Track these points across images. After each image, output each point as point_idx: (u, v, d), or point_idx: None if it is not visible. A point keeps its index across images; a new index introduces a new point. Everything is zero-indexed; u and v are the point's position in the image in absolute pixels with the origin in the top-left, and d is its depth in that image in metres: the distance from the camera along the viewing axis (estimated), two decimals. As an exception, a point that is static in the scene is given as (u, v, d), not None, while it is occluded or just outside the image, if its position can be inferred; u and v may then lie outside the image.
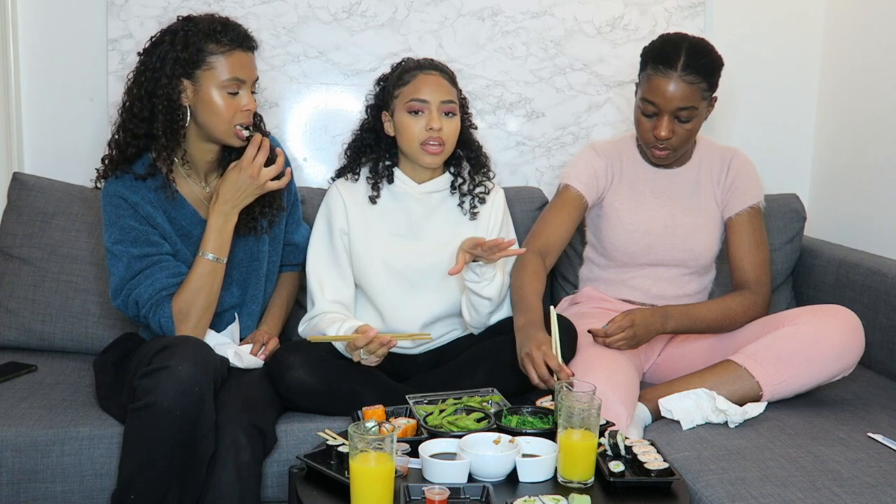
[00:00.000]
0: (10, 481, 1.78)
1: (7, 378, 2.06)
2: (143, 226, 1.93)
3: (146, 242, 1.92)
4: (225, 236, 1.93)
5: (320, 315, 2.05)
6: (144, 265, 1.91)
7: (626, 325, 2.00)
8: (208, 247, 1.91)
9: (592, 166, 2.24)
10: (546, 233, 2.18)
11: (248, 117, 1.93)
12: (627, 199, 2.23)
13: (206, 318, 1.93)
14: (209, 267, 1.91)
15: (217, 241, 1.92)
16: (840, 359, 1.94)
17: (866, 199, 2.62)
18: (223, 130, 1.92)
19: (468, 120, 2.21)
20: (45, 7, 2.54)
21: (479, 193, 2.17)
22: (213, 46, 1.88)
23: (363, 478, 1.42)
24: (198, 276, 1.90)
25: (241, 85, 1.91)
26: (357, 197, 2.14)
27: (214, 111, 1.90)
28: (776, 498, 1.55)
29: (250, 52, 1.95)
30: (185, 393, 1.66)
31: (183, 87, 1.89)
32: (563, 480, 1.56)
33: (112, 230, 1.92)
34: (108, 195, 1.94)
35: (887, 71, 2.52)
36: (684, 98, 2.04)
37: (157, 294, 1.89)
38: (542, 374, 1.80)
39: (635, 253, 2.22)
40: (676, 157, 2.18)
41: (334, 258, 2.11)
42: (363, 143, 2.18)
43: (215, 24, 1.90)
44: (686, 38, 2.10)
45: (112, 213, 1.93)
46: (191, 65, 1.87)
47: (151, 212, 1.93)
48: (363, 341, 1.85)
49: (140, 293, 1.90)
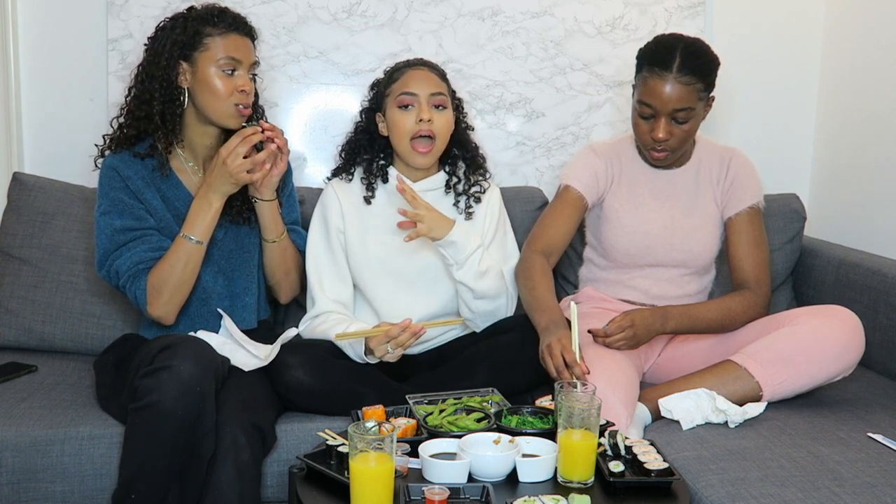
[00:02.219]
0: (10, 481, 1.78)
1: (7, 378, 2.06)
2: (132, 199, 1.97)
3: (131, 216, 1.96)
4: (205, 219, 1.94)
5: (323, 315, 2.06)
6: (127, 238, 1.95)
7: (626, 325, 2.00)
8: (187, 228, 1.94)
9: (592, 167, 2.24)
10: (548, 233, 2.19)
11: (245, 98, 1.95)
12: (627, 201, 2.23)
13: (179, 296, 1.95)
14: (186, 247, 1.93)
15: (196, 224, 1.94)
16: (840, 359, 1.94)
17: (866, 199, 2.62)
18: (221, 110, 1.95)
19: (464, 121, 2.21)
20: (45, 7, 2.54)
21: (475, 193, 2.17)
22: (210, 28, 1.94)
23: (363, 478, 1.42)
24: (175, 255, 1.93)
25: (238, 65, 1.94)
26: (352, 196, 2.14)
27: (211, 90, 1.93)
28: (776, 498, 1.55)
29: (247, 38, 1.99)
30: (187, 393, 1.66)
31: (182, 70, 1.94)
32: (562, 480, 1.56)
33: (102, 201, 1.98)
34: (104, 168, 2.00)
35: (887, 71, 2.52)
36: (681, 99, 2.04)
37: (134, 266, 1.94)
38: (558, 366, 1.81)
39: (635, 254, 2.22)
40: (675, 158, 2.18)
41: (332, 257, 2.11)
42: (357, 144, 2.19)
43: (213, 9, 1.97)
44: (681, 38, 2.10)
45: (105, 184, 1.99)
46: (188, 47, 1.93)
47: (142, 187, 1.98)
48: (397, 330, 1.86)
49: (120, 264, 1.94)
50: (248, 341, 2.00)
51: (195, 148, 2.04)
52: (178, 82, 1.95)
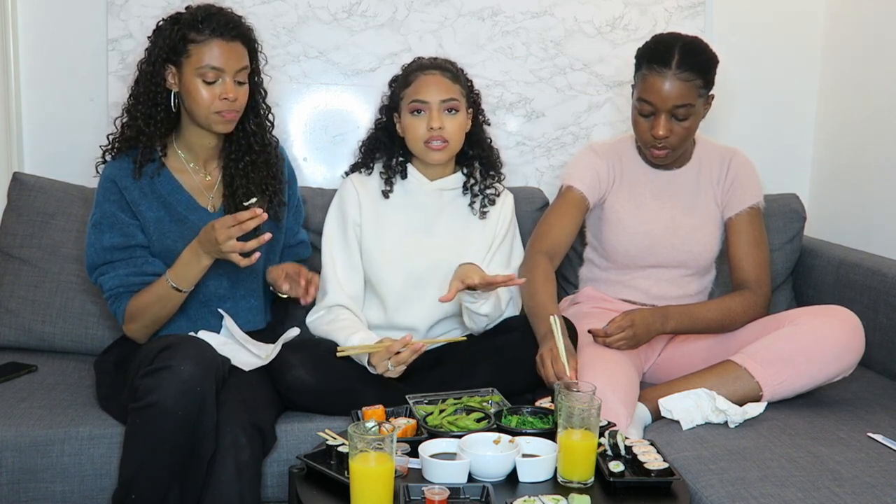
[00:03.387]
0: (10, 481, 1.78)
1: (7, 378, 2.06)
2: (125, 214, 1.97)
3: (120, 233, 1.96)
4: (193, 272, 1.91)
5: (335, 308, 2.06)
6: (113, 257, 1.96)
7: (626, 325, 2.00)
8: (173, 275, 1.91)
9: (594, 167, 2.24)
10: (551, 234, 2.18)
11: (228, 105, 1.93)
12: (628, 202, 2.23)
13: (153, 327, 1.97)
14: (169, 291, 1.92)
15: (183, 275, 1.91)
16: (840, 359, 1.94)
17: (866, 199, 2.62)
18: (203, 117, 1.95)
19: (482, 116, 2.22)
20: (45, 7, 2.54)
21: (490, 195, 2.18)
22: (194, 35, 1.92)
23: (363, 478, 1.42)
24: (156, 293, 1.92)
25: (220, 73, 1.92)
26: (370, 191, 2.15)
27: (193, 98, 1.93)
28: (776, 498, 1.55)
29: (235, 41, 1.94)
30: (187, 393, 1.66)
31: (169, 72, 1.95)
32: (562, 480, 1.56)
33: (96, 210, 1.99)
34: (103, 177, 2.00)
35: (887, 71, 2.52)
36: (680, 96, 2.04)
37: (116, 288, 1.95)
38: (550, 377, 1.83)
39: (636, 255, 2.22)
40: (675, 156, 2.18)
41: (347, 251, 2.12)
42: (377, 140, 2.20)
43: (200, 13, 1.94)
44: (679, 36, 2.10)
45: (101, 194, 1.99)
46: (174, 52, 1.93)
47: (138, 198, 1.97)
48: (399, 346, 1.85)
49: (104, 281, 1.97)
50: (250, 341, 2.00)
51: (194, 149, 2.04)
52: (165, 85, 1.96)
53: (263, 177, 2.06)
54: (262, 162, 2.06)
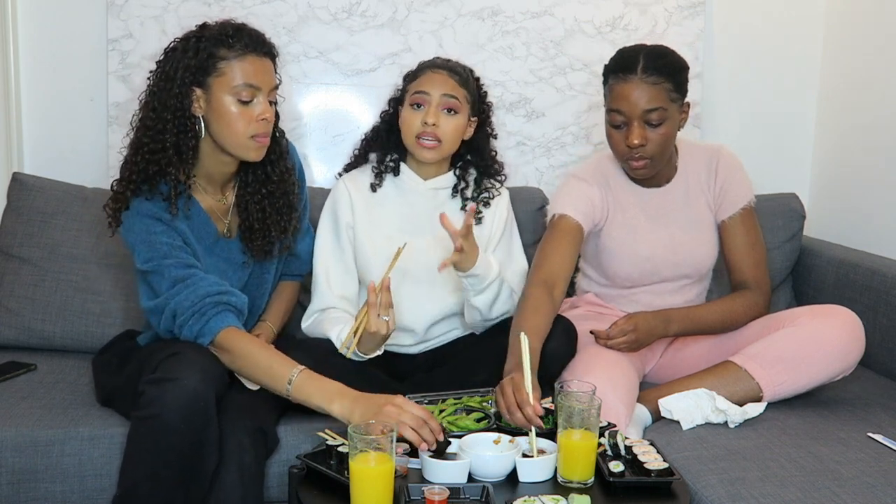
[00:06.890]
0: (10, 481, 1.77)
1: (7, 377, 2.06)
2: (177, 241, 1.81)
3: (176, 259, 1.79)
4: (317, 399, 1.68)
5: (326, 310, 2.06)
6: (184, 275, 1.78)
7: (629, 328, 2.00)
8: (298, 382, 1.69)
9: (587, 195, 2.15)
10: (549, 263, 2.06)
11: (265, 127, 1.81)
12: (623, 228, 2.17)
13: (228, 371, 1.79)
14: (276, 384, 1.72)
15: (305, 392, 1.69)
16: (840, 359, 1.94)
17: (866, 199, 2.62)
18: (237, 143, 1.81)
19: (489, 127, 2.20)
20: (45, 7, 2.54)
21: (484, 199, 2.17)
22: (225, 51, 1.77)
23: (363, 478, 1.42)
24: (267, 372, 1.72)
25: (256, 92, 1.79)
26: (363, 190, 2.14)
27: (227, 121, 1.78)
28: (776, 498, 1.55)
29: (266, 58, 1.82)
30: (192, 408, 1.61)
31: (196, 97, 1.79)
32: (562, 480, 1.56)
33: (142, 249, 1.79)
34: (139, 215, 1.80)
35: (887, 71, 2.52)
36: (650, 100, 1.97)
37: (200, 301, 1.75)
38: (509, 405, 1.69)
39: (638, 278, 2.19)
40: (656, 168, 2.10)
41: (340, 253, 2.11)
42: (377, 132, 2.18)
43: (227, 28, 1.79)
44: (643, 45, 2.06)
45: (143, 231, 1.79)
46: (201, 72, 1.77)
47: (184, 229, 1.84)
48: (374, 296, 1.80)
49: (180, 301, 1.76)
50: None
51: (212, 175, 1.90)
52: (192, 111, 1.79)
53: (279, 206, 1.96)
54: (280, 193, 1.96)
